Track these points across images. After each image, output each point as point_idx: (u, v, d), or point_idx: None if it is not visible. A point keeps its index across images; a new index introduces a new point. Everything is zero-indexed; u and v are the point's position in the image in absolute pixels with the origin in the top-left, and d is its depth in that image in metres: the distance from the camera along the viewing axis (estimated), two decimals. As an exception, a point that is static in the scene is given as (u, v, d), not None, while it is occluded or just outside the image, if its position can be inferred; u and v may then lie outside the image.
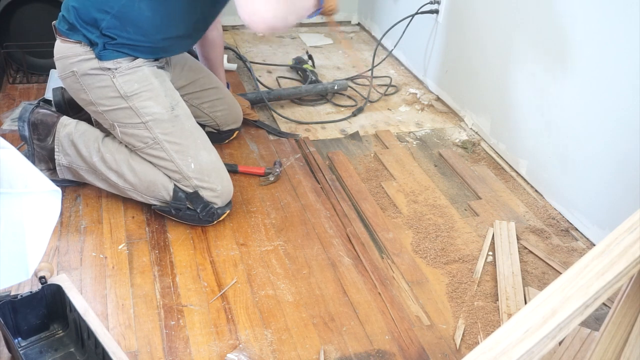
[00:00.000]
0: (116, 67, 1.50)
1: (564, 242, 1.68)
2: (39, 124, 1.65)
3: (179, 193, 1.57)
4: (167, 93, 1.56)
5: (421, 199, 1.82)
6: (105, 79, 1.51)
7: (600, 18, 1.57)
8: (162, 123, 1.54)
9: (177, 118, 1.56)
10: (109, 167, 1.60)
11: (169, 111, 1.54)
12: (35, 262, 0.92)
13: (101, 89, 1.52)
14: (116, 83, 1.50)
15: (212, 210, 1.58)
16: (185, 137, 1.56)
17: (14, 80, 2.32)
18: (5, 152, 0.93)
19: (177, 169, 1.55)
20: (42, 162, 1.71)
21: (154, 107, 1.53)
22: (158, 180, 1.57)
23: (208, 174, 1.56)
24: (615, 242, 0.74)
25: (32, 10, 2.24)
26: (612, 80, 1.56)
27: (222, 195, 1.59)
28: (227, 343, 1.30)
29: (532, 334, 0.67)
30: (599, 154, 1.62)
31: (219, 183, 1.58)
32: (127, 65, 1.51)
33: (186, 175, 1.55)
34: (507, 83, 2.01)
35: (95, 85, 1.52)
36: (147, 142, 1.55)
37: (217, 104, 1.90)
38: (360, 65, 2.72)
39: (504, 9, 1.99)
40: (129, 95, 1.51)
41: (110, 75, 1.50)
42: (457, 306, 1.44)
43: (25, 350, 1.23)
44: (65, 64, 1.53)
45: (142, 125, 1.53)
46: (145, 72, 1.53)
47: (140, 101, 1.52)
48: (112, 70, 1.50)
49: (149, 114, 1.53)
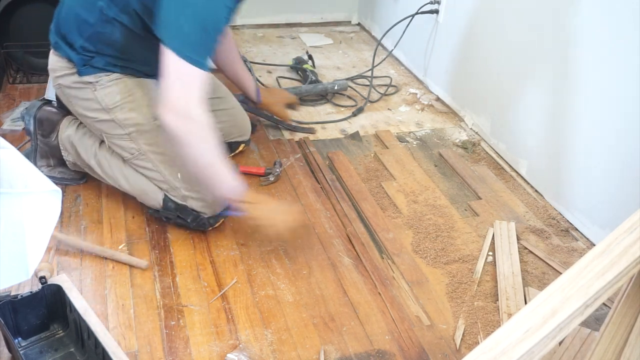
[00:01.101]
0: (97, 81, 1.51)
1: (564, 242, 1.68)
2: (45, 120, 1.68)
3: (168, 203, 1.55)
4: (149, 103, 1.52)
5: (421, 199, 1.82)
6: (87, 92, 1.52)
7: (600, 17, 1.57)
8: (146, 134, 1.52)
9: (160, 127, 1.47)
10: (105, 172, 1.61)
11: (151, 121, 1.51)
12: (35, 262, 0.92)
13: (85, 101, 1.54)
14: (98, 96, 1.51)
15: (202, 221, 1.56)
16: (171, 147, 1.48)
17: (14, 80, 2.32)
18: (5, 152, 0.93)
19: (164, 179, 1.53)
20: (43, 158, 1.73)
21: (136, 117, 1.52)
22: (149, 189, 1.56)
23: (197, 183, 1.51)
24: (615, 242, 0.74)
25: (32, 10, 2.24)
26: (613, 79, 1.55)
27: (213, 205, 1.55)
28: (227, 343, 1.30)
29: (532, 334, 0.67)
30: (600, 154, 1.62)
31: (209, 192, 1.53)
32: (107, 78, 1.51)
33: (174, 185, 1.53)
34: (507, 83, 2.01)
35: (79, 97, 1.54)
36: (133, 153, 1.54)
37: (220, 114, 1.80)
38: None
39: (504, 9, 1.99)
40: (110, 108, 1.51)
41: (92, 88, 1.51)
42: (457, 306, 1.44)
43: (25, 350, 1.23)
44: (53, 76, 1.57)
45: (126, 136, 1.53)
46: (127, 83, 1.53)
47: (122, 113, 1.52)
48: (93, 84, 1.51)
49: (131, 125, 1.52)
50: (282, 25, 3.18)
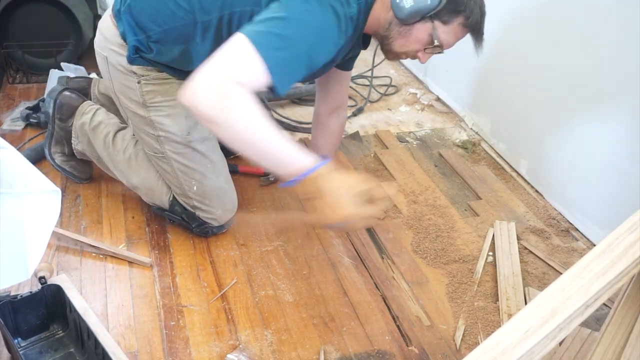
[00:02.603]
0: (144, 74, 1.41)
1: (564, 242, 1.68)
2: (64, 104, 1.66)
3: (175, 207, 1.55)
4: (188, 114, 1.42)
5: (421, 199, 1.82)
6: (131, 80, 1.43)
7: (600, 17, 1.57)
8: (174, 143, 1.46)
9: (190, 143, 1.46)
10: (115, 165, 1.60)
11: (184, 134, 1.45)
12: (35, 262, 0.92)
13: (125, 87, 1.45)
14: (140, 89, 1.43)
15: (206, 229, 1.56)
16: (195, 162, 1.48)
17: (13, 80, 2.32)
18: (5, 152, 0.93)
19: (179, 185, 1.51)
20: (57, 144, 1.71)
21: (170, 126, 1.44)
22: (157, 189, 1.56)
23: (210, 199, 1.51)
24: (615, 242, 0.74)
25: (32, 10, 2.24)
26: (613, 79, 1.55)
27: (219, 219, 1.55)
28: (227, 343, 1.30)
29: (532, 334, 0.67)
30: (600, 154, 1.62)
31: (219, 208, 1.52)
32: (156, 75, 1.42)
33: (187, 195, 1.51)
34: (507, 83, 2.01)
35: (121, 81, 1.45)
36: (155, 152, 1.50)
37: None
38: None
39: (504, 7, 1.98)
40: (148, 105, 1.44)
41: (136, 79, 1.42)
42: (457, 306, 1.44)
43: (25, 351, 1.23)
44: (102, 43, 1.44)
45: (154, 137, 1.47)
46: (174, 87, 1.42)
47: (158, 115, 1.44)
48: (138, 76, 1.41)
49: (163, 130, 1.45)
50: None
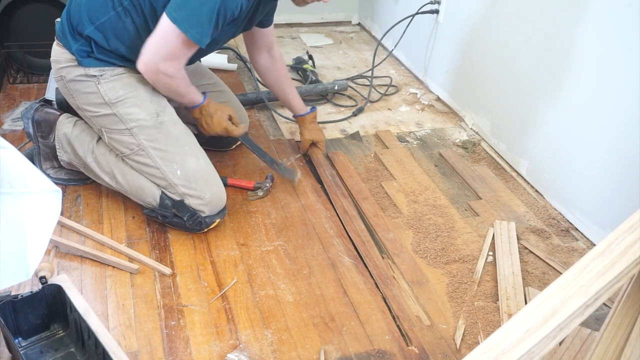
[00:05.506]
0: (101, 74, 1.51)
1: (564, 242, 1.68)
2: (42, 121, 1.68)
3: (165, 200, 1.55)
4: (152, 99, 1.55)
5: (421, 199, 1.82)
6: (90, 86, 1.52)
7: (600, 16, 1.57)
8: (147, 129, 1.53)
9: (162, 124, 1.55)
10: (102, 168, 1.61)
11: (154, 117, 1.54)
12: (35, 262, 0.92)
13: (87, 95, 1.53)
14: (101, 90, 1.51)
15: (199, 219, 1.55)
16: (171, 144, 1.54)
17: (14, 80, 2.32)
18: (6, 152, 0.93)
19: (163, 175, 1.54)
20: (47, 161, 1.73)
21: (138, 113, 1.53)
22: (146, 186, 1.57)
23: (195, 181, 1.54)
24: (615, 242, 0.74)
25: (32, 10, 2.24)
26: (613, 79, 1.55)
27: (210, 203, 1.55)
28: (228, 343, 1.30)
29: (532, 334, 0.67)
30: (600, 153, 1.62)
31: (207, 190, 1.54)
32: (111, 72, 1.52)
33: (172, 183, 1.53)
34: (507, 83, 2.01)
35: (82, 91, 1.54)
36: (132, 148, 1.54)
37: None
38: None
39: (504, 9, 1.99)
40: (113, 102, 1.52)
41: (95, 81, 1.51)
42: (457, 306, 1.44)
43: (25, 350, 1.23)
44: (56, 68, 1.56)
45: (127, 131, 1.53)
46: (131, 78, 1.54)
47: (125, 108, 1.52)
48: (97, 77, 1.51)
49: (133, 120, 1.52)
50: (283, 25, 3.18)
